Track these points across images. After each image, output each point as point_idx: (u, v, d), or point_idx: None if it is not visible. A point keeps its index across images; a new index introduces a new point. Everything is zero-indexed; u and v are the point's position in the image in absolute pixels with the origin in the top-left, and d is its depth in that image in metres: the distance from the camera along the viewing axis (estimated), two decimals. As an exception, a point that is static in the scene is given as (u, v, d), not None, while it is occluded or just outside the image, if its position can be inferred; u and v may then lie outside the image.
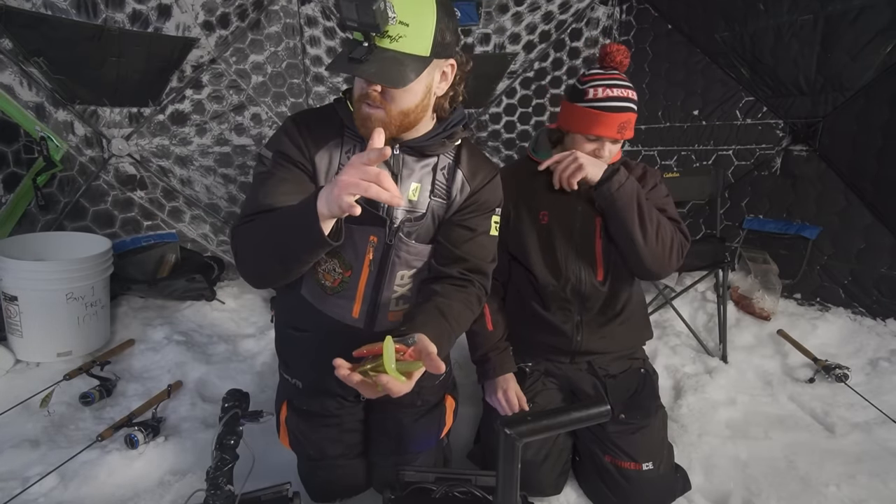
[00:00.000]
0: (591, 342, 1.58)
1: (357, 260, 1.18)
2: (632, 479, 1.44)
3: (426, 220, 1.19)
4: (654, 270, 1.50)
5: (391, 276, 1.21)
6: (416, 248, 1.19)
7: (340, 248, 1.07)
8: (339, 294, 1.22)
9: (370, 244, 1.17)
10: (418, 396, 1.38)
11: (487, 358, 1.57)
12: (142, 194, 2.74)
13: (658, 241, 1.44)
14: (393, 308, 1.25)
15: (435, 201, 1.19)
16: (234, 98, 2.86)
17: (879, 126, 2.23)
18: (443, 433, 1.48)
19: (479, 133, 3.38)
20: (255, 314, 2.57)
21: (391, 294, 1.23)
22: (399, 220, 1.17)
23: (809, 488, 1.53)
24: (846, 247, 2.40)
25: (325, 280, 1.22)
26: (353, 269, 1.19)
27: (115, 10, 2.37)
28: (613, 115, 1.43)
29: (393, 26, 0.95)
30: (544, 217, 1.58)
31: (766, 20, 2.48)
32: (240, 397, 1.40)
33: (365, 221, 1.08)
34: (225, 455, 1.25)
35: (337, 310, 1.24)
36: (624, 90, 1.44)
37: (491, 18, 3.03)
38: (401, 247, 1.18)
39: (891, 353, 2.14)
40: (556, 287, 1.57)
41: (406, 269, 1.21)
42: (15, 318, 1.96)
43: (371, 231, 1.16)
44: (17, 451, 1.61)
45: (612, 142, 1.47)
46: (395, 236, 1.17)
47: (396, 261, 1.19)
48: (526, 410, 1.53)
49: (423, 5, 0.98)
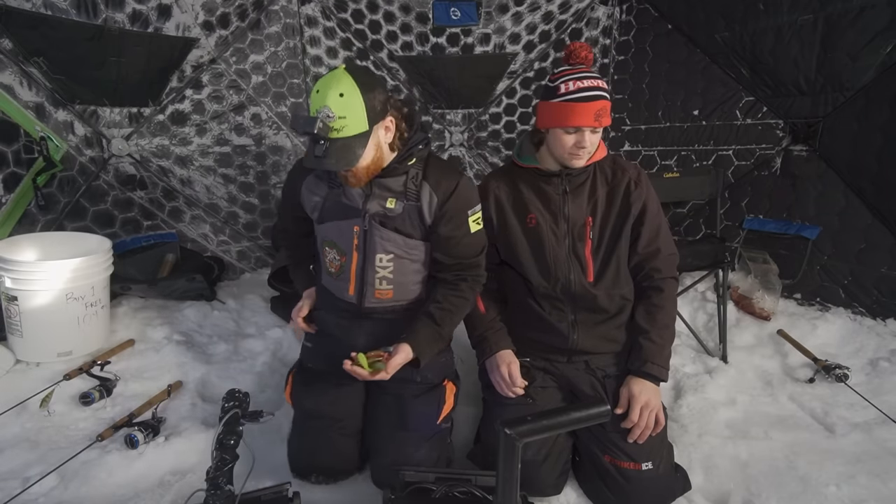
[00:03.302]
0: (587, 341, 1.58)
1: (348, 247, 1.52)
2: (631, 479, 1.44)
3: (403, 216, 1.49)
4: None
5: (373, 258, 1.50)
6: (389, 234, 1.49)
7: (337, 238, 1.53)
8: (339, 277, 1.56)
9: (355, 233, 1.50)
10: (417, 373, 1.54)
11: (484, 337, 1.62)
12: (142, 194, 2.74)
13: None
14: (378, 287, 1.54)
15: (409, 204, 1.48)
16: (234, 98, 2.86)
17: (879, 126, 2.22)
18: (442, 414, 1.56)
19: (478, 133, 3.38)
20: (255, 314, 2.57)
21: (375, 275, 1.52)
22: (371, 212, 1.48)
23: (809, 488, 1.52)
24: (846, 247, 2.40)
25: (331, 268, 1.58)
26: (347, 255, 1.52)
27: (115, 10, 2.37)
28: (588, 104, 1.45)
29: (335, 122, 1.27)
30: (532, 220, 1.59)
31: (766, 20, 2.48)
32: (240, 397, 1.40)
33: (350, 216, 1.49)
34: (225, 455, 1.25)
35: (338, 290, 1.59)
36: (594, 80, 1.47)
37: (491, 18, 3.04)
38: (375, 233, 1.48)
39: (891, 353, 2.14)
40: (548, 288, 1.58)
41: (383, 252, 1.50)
42: (15, 318, 1.96)
43: (354, 222, 1.49)
44: (17, 451, 1.61)
45: (592, 131, 1.48)
46: (370, 224, 1.48)
47: (374, 245, 1.49)
48: (524, 395, 1.55)
49: (351, 96, 1.28)
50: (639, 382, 1.50)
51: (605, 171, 1.62)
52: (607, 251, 1.58)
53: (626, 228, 1.58)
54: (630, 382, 1.51)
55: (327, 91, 1.28)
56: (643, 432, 1.46)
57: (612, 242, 1.58)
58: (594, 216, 1.58)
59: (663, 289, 1.59)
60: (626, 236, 1.58)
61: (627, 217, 1.57)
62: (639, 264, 1.61)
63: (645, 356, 1.52)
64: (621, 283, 1.59)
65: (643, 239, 1.59)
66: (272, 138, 3.02)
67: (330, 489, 1.57)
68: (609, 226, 1.58)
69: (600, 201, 1.58)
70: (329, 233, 1.55)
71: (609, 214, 1.58)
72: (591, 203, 1.59)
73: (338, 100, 1.27)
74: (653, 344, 1.53)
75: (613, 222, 1.58)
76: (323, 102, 1.27)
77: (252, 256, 3.09)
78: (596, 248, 1.58)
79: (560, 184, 1.59)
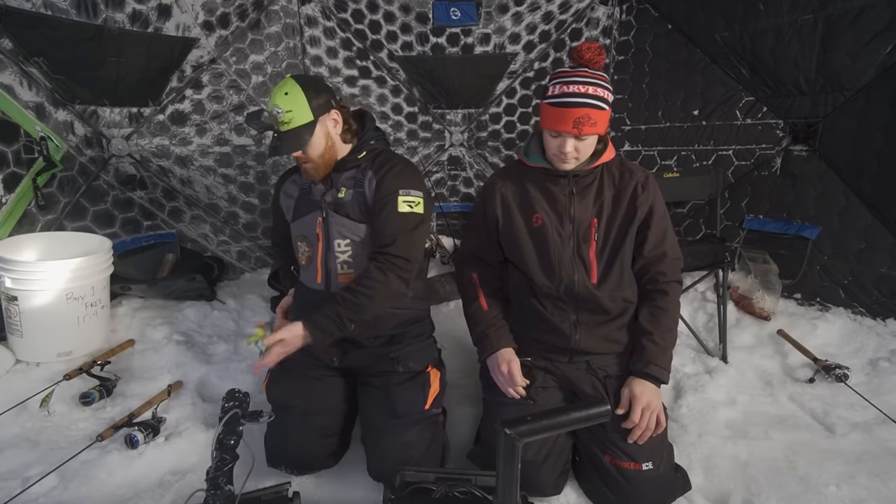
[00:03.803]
0: (589, 342, 1.58)
1: (313, 236, 1.67)
2: (632, 478, 1.44)
3: (352, 202, 1.63)
4: None
5: (332, 244, 1.64)
6: (342, 220, 1.63)
7: (305, 231, 1.69)
8: (309, 267, 1.70)
9: (318, 224, 1.65)
10: (399, 363, 1.65)
11: (485, 334, 1.62)
12: (142, 194, 2.74)
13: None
14: (341, 272, 1.65)
15: (356, 191, 1.63)
16: (234, 98, 2.86)
17: (879, 126, 2.22)
18: (430, 398, 1.61)
19: (478, 133, 3.38)
20: (255, 314, 2.57)
21: (335, 260, 1.65)
22: (328, 201, 1.64)
23: (809, 488, 1.52)
24: (846, 247, 2.40)
25: (302, 260, 1.73)
26: (314, 245, 1.67)
27: (115, 10, 2.37)
28: (567, 110, 1.42)
29: (282, 116, 1.51)
30: (538, 220, 1.59)
31: (766, 20, 2.48)
32: (240, 397, 1.40)
33: (313, 209, 1.66)
34: (225, 455, 1.25)
35: (309, 280, 1.71)
36: (583, 86, 1.43)
37: (491, 18, 3.03)
38: (331, 220, 1.64)
39: (891, 353, 2.14)
40: (551, 288, 1.58)
41: (340, 238, 1.64)
42: (15, 318, 1.96)
43: (317, 214, 1.65)
44: (17, 451, 1.61)
45: (576, 138, 1.45)
46: (327, 213, 1.64)
47: (332, 232, 1.64)
48: (525, 396, 1.55)
49: (294, 94, 1.52)
50: (640, 383, 1.50)
51: (612, 172, 1.61)
52: (612, 253, 1.58)
53: (632, 231, 1.57)
54: (632, 383, 1.51)
55: (275, 93, 1.55)
56: (644, 433, 1.46)
57: (616, 245, 1.58)
58: (600, 218, 1.57)
59: (668, 292, 1.58)
60: (630, 239, 1.57)
61: (633, 220, 1.56)
62: (644, 267, 1.60)
63: (647, 357, 1.52)
64: (624, 285, 1.59)
65: (649, 242, 1.58)
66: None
67: (330, 488, 1.58)
68: (614, 228, 1.57)
69: (606, 203, 1.58)
70: (299, 227, 1.72)
71: (615, 217, 1.57)
72: (597, 205, 1.58)
73: (283, 98, 1.52)
74: (655, 346, 1.53)
75: (619, 225, 1.57)
76: (273, 102, 1.53)
77: (252, 256, 3.09)
78: (600, 250, 1.57)
79: (567, 184, 1.58)
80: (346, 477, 1.63)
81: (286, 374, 1.69)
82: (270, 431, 1.64)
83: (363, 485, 1.58)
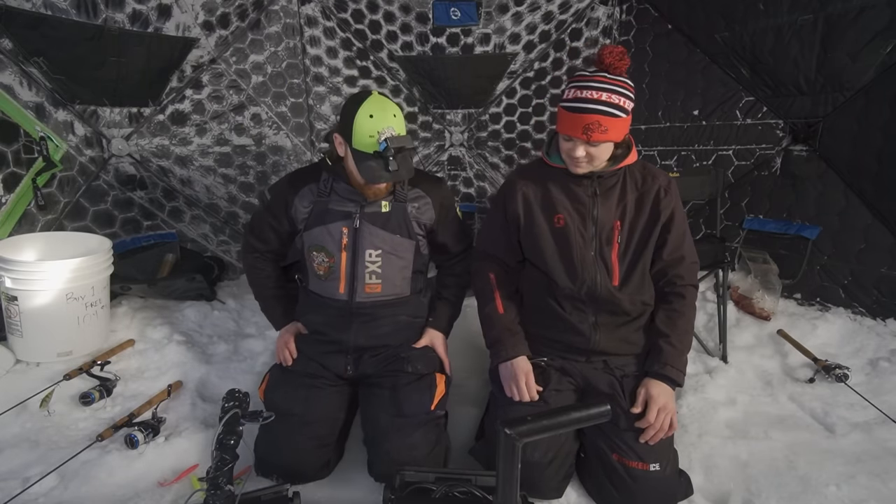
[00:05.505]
0: (608, 343, 1.58)
1: (336, 248, 1.65)
2: (638, 478, 1.44)
3: (390, 214, 1.66)
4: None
5: (362, 253, 1.64)
6: (377, 231, 1.64)
7: (324, 242, 1.66)
8: (329, 278, 1.68)
9: (343, 234, 1.64)
10: (408, 364, 1.66)
11: (500, 339, 1.60)
12: (142, 194, 2.74)
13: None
14: (368, 282, 1.66)
15: (397, 203, 1.67)
16: (234, 98, 2.86)
17: (879, 126, 2.22)
18: (435, 399, 1.62)
19: (478, 133, 3.38)
20: (255, 314, 2.56)
21: (364, 269, 1.65)
22: (367, 212, 1.64)
23: (809, 488, 1.52)
24: (846, 247, 2.40)
25: (319, 270, 1.69)
26: (335, 255, 1.65)
27: (115, 10, 2.37)
28: (576, 115, 1.42)
29: (407, 142, 1.49)
30: (560, 220, 1.57)
31: (766, 20, 2.48)
32: (240, 397, 1.40)
33: (337, 219, 1.65)
34: (225, 455, 1.25)
35: (328, 290, 1.69)
36: (597, 93, 1.40)
37: (491, 18, 3.03)
38: (365, 230, 1.64)
39: (891, 353, 2.14)
40: (572, 289, 1.57)
41: (372, 248, 1.64)
42: (15, 318, 1.96)
43: (342, 224, 1.64)
44: (17, 451, 1.61)
45: (587, 143, 1.44)
46: (361, 223, 1.63)
47: (364, 241, 1.64)
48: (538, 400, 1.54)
49: (398, 114, 1.51)
50: (656, 384, 1.49)
51: (634, 176, 1.60)
52: (634, 256, 1.57)
53: (654, 235, 1.56)
54: (648, 384, 1.51)
55: (384, 115, 1.47)
56: (657, 434, 1.46)
57: (639, 248, 1.57)
58: (623, 220, 1.56)
59: (685, 295, 1.58)
60: (652, 243, 1.57)
61: (656, 224, 1.56)
62: (662, 270, 1.60)
63: (664, 359, 1.51)
64: (645, 288, 1.59)
65: (669, 246, 1.58)
66: (272, 138, 3.02)
67: (330, 488, 1.57)
68: (637, 231, 1.57)
69: (629, 206, 1.57)
70: (316, 238, 1.67)
71: (638, 220, 1.57)
72: (620, 207, 1.57)
73: (395, 119, 1.49)
74: (673, 348, 1.53)
75: (642, 228, 1.57)
76: (386, 124, 1.46)
77: (252, 256, 3.09)
78: (623, 253, 1.57)
79: (590, 185, 1.56)
80: (346, 477, 1.62)
81: (286, 380, 1.67)
82: (262, 438, 1.59)
83: (363, 485, 1.57)
